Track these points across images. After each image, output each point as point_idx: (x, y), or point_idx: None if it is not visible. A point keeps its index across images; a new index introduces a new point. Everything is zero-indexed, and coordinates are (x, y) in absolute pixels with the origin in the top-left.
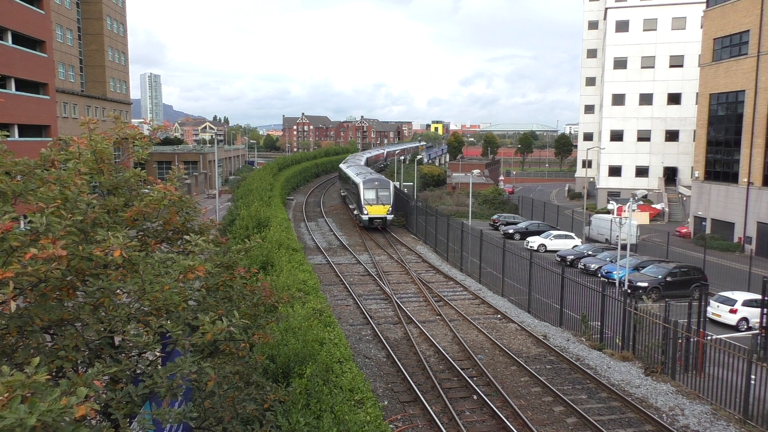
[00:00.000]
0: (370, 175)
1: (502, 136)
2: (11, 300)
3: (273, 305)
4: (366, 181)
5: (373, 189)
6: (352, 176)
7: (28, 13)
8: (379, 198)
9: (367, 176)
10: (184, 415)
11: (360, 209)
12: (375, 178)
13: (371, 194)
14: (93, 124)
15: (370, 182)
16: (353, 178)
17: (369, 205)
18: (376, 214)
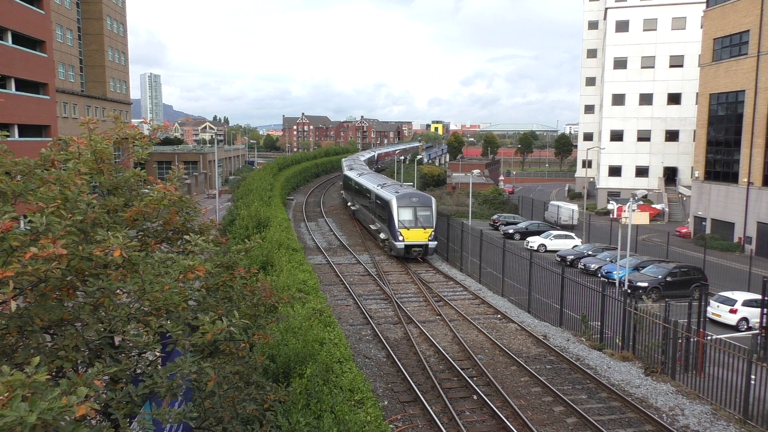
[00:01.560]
0: (401, 188)
1: (502, 136)
2: (11, 300)
3: (273, 305)
4: (401, 197)
5: (410, 207)
6: (375, 189)
7: (28, 13)
8: (418, 219)
9: (399, 190)
10: (184, 415)
11: (392, 233)
12: (411, 193)
13: (408, 214)
14: (93, 124)
15: (406, 199)
16: (378, 191)
17: (405, 228)
18: (414, 241)
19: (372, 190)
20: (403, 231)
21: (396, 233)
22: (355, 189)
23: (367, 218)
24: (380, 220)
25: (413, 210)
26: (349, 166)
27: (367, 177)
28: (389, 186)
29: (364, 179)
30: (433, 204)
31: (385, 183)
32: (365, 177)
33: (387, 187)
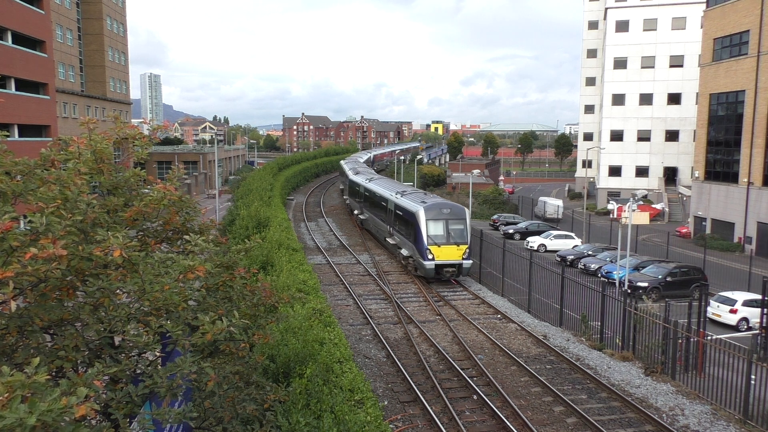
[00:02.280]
0: (427, 197)
1: (502, 136)
2: (11, 300)
3: (273, 305)
4: (430, 209)
5: (440, 220)
6: (394, 198)
7: (28, 13)
8: (450, 234)
9: (426, 200)
10: (184, 415)
11: (419, 250)
12: (441, 203)
13: (438, 228)
14: (93, 124)
15: (436, 210)
16: (399, 201)
17: (434, 245)
18: (446, 260)
19: (389, 199)
20: (432, 248)
21: (424, 251)
22: (365, 196)
23: (380, 230)
24: (401, 233)
25: (444, 223)
26: (353, 169)
27: (379, 183)
28: (411, 194)
29: (376, 186)
30: (467, 216)
31: (405, 191)
32: (377, 183)
33: (408, 196)
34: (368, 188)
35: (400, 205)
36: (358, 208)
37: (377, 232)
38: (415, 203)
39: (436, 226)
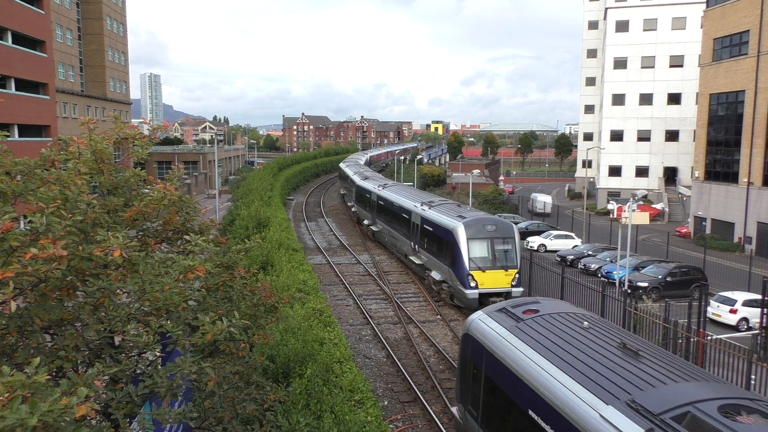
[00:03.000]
0: (465, 210)
1: (502, 136)
2: (11, 300)
3: (273, 305)
4: (471, 224)
5: (484, 240)
6: (421, 210)
7: (28, 13)
8: (496, 256)
9: (464, 213)
10: (184, 415)
11: (457, 275)
12: (484, 218)
13: (481, 249)
14: (93, 124)
15: (478, 227)
16: (428, 214)
17: (478, 269)
18: (492, 288)
19: (413, 210)
20: (475, 273)
21: (464, 276)
22: (378, 205)
23: (399, 245)
24: (430, 253)
25: (489, 243)
26: (359, 174)
27: (395, 191)
28: (441, 206)
29: (393, 194)
30: (516, 234)
31: (433, 201)
32: (393, 191)
33: (439, 208)
34: (383, 197)
35: (430, 219)
36: (369, 218)
37: (395, 247)
38: (451, 218)
39: (479, 247)
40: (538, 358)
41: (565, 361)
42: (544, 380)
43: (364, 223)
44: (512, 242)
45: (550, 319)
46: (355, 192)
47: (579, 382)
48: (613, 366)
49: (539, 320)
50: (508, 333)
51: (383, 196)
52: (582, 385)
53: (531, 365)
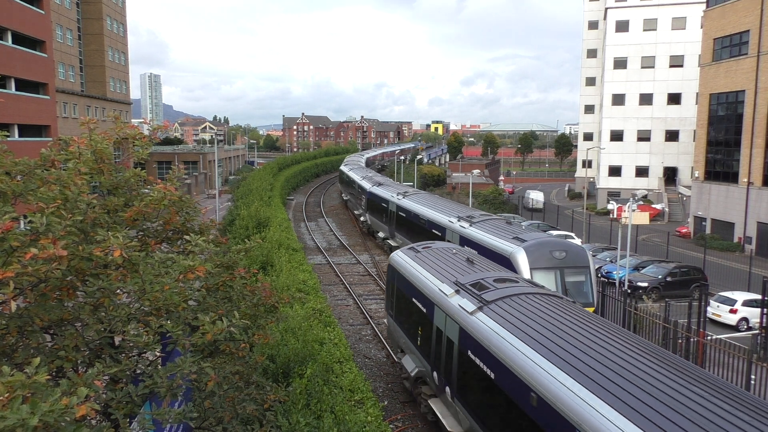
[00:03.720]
0: (520, 229)
1: (502, 136)
2: (11, 300)
3: (273, 305)
4: (534, 249)
5: (551, 270)
6: (459, 227)
7: (28, 13)
8: (567, 290)
9: (524, 235)
10: (184, 415)
11: None
12: (550, 241)
13: (548, 280)
14: (93, 124)
15: (543, 251)
16: (478, 234)
17: None
18: None
19: (451, 227)
20: None
21: None
22: (400, 217)
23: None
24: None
25: (558, 274)
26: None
27: (421, 201)
28: (487, 222)
29: (419, 205)
30: (591, 261)
31: (473, 216)
32: (418, 201)
33: (485, 225)
34: (404, 208)
35: (475, 240)
36: (386, 231)
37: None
38: (505, 240)
39: (545, 278)
40: (420, 269)
41: (433, 269)
42: (421, 280)
43: (378, 236)
44: (587, 272)
45: (435, 250)
46: (366, 200)
47: (436, 277)
48: (457, 269)
49: (428, 251)
50: (409, 259)
51: (405, 207)
52: (437, 278)
53: (415, 274)
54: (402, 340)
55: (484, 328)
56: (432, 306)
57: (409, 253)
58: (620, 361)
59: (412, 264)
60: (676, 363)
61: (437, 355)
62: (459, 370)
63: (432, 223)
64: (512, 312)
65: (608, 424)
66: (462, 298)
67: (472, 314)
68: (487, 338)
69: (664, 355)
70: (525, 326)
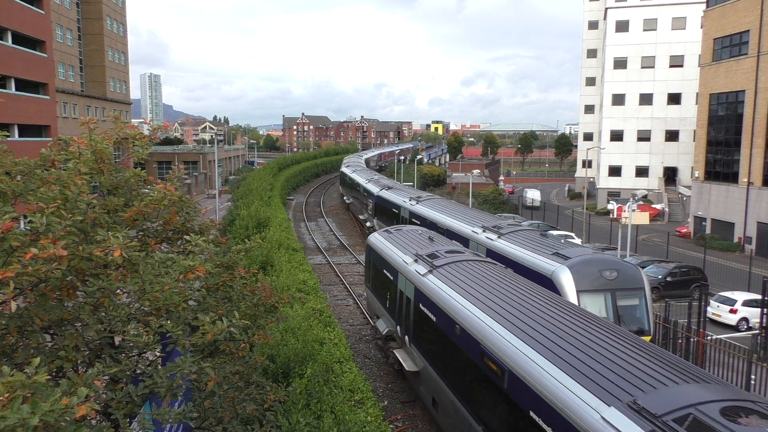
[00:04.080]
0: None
1: (502, 136)
2: (11, 300)
3: (273, 305)
4: (579, 268)
5: (601, 293)
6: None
7: (28, 13)
8: (620, 317)
9: (569, 251)
10: (184, 415)
11: None
12: (597, 260)
13: (596, 304)
14: (93, 124)
15: (591, 271)
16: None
17: None
18: None
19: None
20: None
21: None
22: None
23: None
24: None
25: (609, 298)
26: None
27: (438, 207)
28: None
29: (435, 212)
30: (646, 282)
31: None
32: (434, 207)
33: (517, 237)
34: (419, 215)
35: (509, 254)
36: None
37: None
38: (544, 256)
39: (593, 302)
40: (391, 246)
41: (401, 245)
42: (390, 255)
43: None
44: (641, 295)
45: (405, 232)
46: (374, 205)
47: (401, 251)
48: (419, 245)
49: (399, 233)
50: (383, 239)
51: (420, 214)
52: (402, 251)
53: (386, 250)
54: (376, 306)
55: (431, 285)
56: (396, 273)
57: (383, 234)
58: (518, 299)
59: (384, 243)
60: (565, 306)
61: (400, 313)
62: (414, 321)
63: (452, 233)
64: (454, 273)
65: (501, 339)
66: (418, 265)
67: (423, 276)
68: (432, 291)
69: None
70: (460, 281)
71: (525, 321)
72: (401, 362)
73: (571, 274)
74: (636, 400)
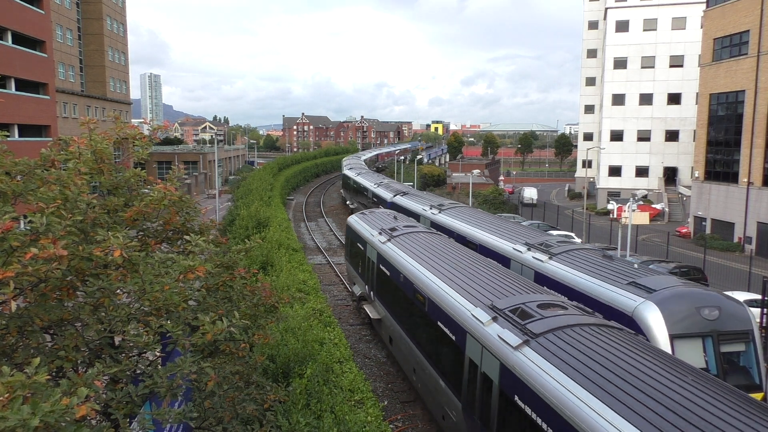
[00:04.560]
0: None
1: (502, 136)
2: (11, 300)
3: (273, 305)
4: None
5: (698, 338)
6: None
7: (28, 13)
8: (722, 366)
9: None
10: (184, 415)
11: None
12: (692, 293)
13: (693, 350)
14: (93, 124)
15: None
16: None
17: None
18: None
19: (519, 259)
20: None
21: None
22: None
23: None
24: None
25: (711, 345)
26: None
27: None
28: (576, 254)
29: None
30: (753, 320)
31: (546, 243)
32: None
33: (574, 258)
34: (447, 226)
35: (569, 282)
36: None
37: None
38: (617, 287)
39: (691, 350)
40: (363, 224)
41: (370, 223)
42: (361, 231)
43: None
44: (749, 338)
45: (377, 213)
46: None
47: (371, 227)
48: (385, 222)
49: (372, 214)
50: (359, 219)
51: (446, 226)
52: (371, 227)
53: (359, 228)
54: (353, 274)
55: (389, 250)
56: (365, 244)
57: (360, 216)
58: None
59: (360, 222)
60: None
61: (367, 274)
62: (376, 279)
63: (487, 250)
64: (407, 241)
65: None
66: (381, 236)
67: (384, 243)
68: (389, 255)
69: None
70: (411, 246)
71: (447, 269)
72: (369, 313)
73: (661, 313)
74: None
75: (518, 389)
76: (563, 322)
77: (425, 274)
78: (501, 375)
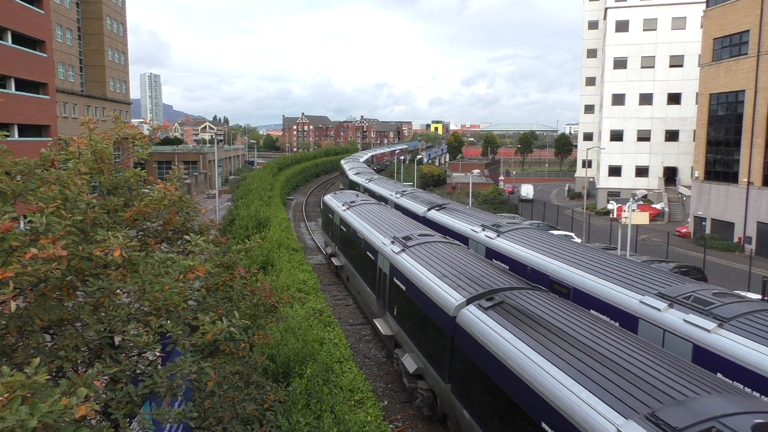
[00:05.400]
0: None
1: (502, 136)
2: (11, 300)
3: (273, 305)
4: None
5: None
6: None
7: (28, 13)
8: None
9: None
10: (184, 415)
11: None
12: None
13: None
14: (93, 124)
15: None
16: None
17: None
18: None
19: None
20: None
21: None
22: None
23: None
24: None
25: None
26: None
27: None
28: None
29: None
30: None
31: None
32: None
33: (698, 297)
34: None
35: (751, 364)
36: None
37: None
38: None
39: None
40: (335, 201)
41: (339, 200)
42: (332, 206)
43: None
44: None
45: (345, 193)
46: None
47: (339, 202)
48: (351, 199)
49: (341, 193)
50: (331, 198)
51: (517, 259)
52: (339, 203)
53: (330, 204)
54: (326, 238)
55: (348, 215)
56: (334, 213)
57: (333, 196)
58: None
59: (332, 200)
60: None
61: (334, 235)
62: (339, 239)
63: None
64: (361, 210)
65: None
66: (345, 208)
67: (344, 210)
68: (345, 218)
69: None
70: (364, 213)
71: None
72: (333, 262)
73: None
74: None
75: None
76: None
77: (364, 226)
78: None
